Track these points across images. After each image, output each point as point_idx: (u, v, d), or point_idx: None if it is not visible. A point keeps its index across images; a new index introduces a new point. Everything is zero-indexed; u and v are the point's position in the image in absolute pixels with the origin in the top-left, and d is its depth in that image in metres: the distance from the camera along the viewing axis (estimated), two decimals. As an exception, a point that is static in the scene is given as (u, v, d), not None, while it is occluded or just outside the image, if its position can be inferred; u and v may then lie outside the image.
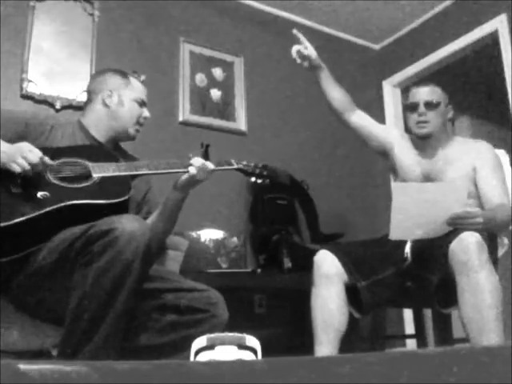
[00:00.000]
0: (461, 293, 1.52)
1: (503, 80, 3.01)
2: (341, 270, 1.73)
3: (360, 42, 3.85)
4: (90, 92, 1.67)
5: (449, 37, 3.33)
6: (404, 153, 2.02)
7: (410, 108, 1.93)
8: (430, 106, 1.89)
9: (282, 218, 2.77)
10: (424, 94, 1.91)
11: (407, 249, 1.75)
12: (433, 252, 1.65)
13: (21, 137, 1.40)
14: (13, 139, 1.34)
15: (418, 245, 1.74)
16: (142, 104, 1.66)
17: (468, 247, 1.51)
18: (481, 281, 1.48)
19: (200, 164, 1.43)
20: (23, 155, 1.26)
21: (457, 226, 1.61)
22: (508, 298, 2.62)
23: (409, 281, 1.77)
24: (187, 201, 1.53)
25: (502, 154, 2.05)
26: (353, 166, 3.48)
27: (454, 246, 1.54)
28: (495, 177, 1.85)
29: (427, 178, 1.93)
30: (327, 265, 1.74)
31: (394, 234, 1.71)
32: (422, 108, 1.89)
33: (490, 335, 1.45)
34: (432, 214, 1.66)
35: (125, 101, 1.62)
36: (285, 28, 3.50)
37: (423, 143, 1.96)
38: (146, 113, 1.67)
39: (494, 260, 1.78)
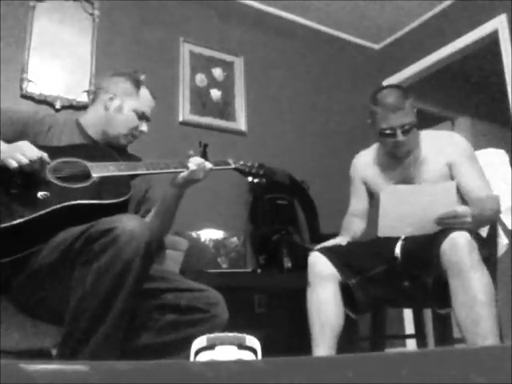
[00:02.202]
0: (453, 293, 1.52)
1: (503, 80, 3.02)
2: (334, 270, 1.74)
3: (360, 42, 3.85)
4: (97, 90, 1.65)
5: (449, 37, 3.34)
6: (374, 177, 1.99)
7: (384, 134, 1.78)
8: (407, 130, 1.76)
9: (282, 218, 2.77)
10: (399, 120, 1.73)
11: (397, 248, 1.75)
12: (424, 252, 1.64)
13: (19, 135, 1.39)
14: (11, 138, 1.34)
15: (409, 245, 1.74)
16: (141, 117, 1.61)
17: (458, 247, 1.51)
18: (472, 280, 1.48)
19: (199, 163, 1.44)
20: (22, 152, 1.25)
21: (445, 225, 1.60)
22: (508, 298, 2.62)
23: (406, 281, 1.78)
24: (187, 201, 1.53)
25: (502, 154, 2.05)
26: (353, 165, 3.47)
27: (445, 246, 1.54)
28: (474, 168, 1.81)
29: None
30: (321, 265, 1.75)
31: (382, 231, 1.73)
32: (400, 136, 1.75)
33: (484, 334, 1.45)
34: (421, 213, 1.66)
35: (125, 108, 1.58)
36: (285, 28, 3.51)
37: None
38: (143, 127, 1.61)
39: (494, 260, 1.78)
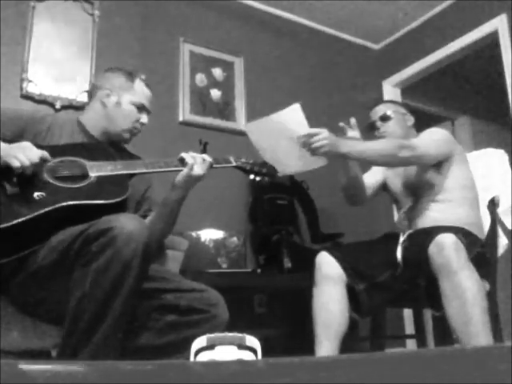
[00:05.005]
0: (444, 295, 1.52)
1: (503, 80, 3.01)
2: (341, 271, 1.74)
3: (360, 41, 3.84)
4: (93, 88, 1.66)
5: (449, 37, 3.33)
6: (390, 178, 2.09)
7: (370, 127, 2.05)
8: (384, 119, 2.01)
9: (282, 218, 2.77)
10: (378, 111, 2.04)
11: (398, 253, 1.76)
12: (418, 256, 1.65)
13: (19, 134, 1.39)
14: (11, 138, 1.34)
15: (408, 249, 1.75)
16: (141, 109, 1.60)
17: (444, 249, 1.51)
18: (462, 281, 1.48)
19: (195, 156, 1.43)
20: (24, 153, 1.25)
21: (308, 147, 1.62)
22: (508, 298, 2.62)
23: (404, 284, 1.78)
24: (187, 201, 1.53)
25: (501, 154, 2.05)
26: (353, 166, 3.47)
27: (432, 249, 1.54)
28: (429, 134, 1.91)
29: (406, 185, 1.98)
30: (328, 266, 1.76)
31: (281, 170, 1.68)
32: (378, 123, 2.02)
33: (476, 333, 1.45)
34: (287, 144, 1.65)
35: (123, 103, 1.57)
36: (285, 28, 3.51)
37: None
38: (143, 118, 1.61)
39: (494, 260, 1.78)
